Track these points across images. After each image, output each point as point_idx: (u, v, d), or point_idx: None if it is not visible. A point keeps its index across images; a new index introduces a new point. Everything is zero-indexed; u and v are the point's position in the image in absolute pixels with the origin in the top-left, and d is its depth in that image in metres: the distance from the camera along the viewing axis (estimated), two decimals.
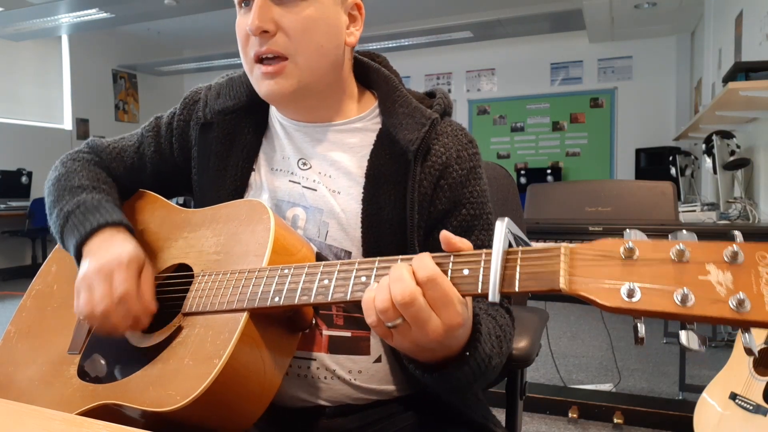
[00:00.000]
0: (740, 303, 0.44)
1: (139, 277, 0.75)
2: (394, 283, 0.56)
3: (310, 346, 0.80)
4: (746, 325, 0.45)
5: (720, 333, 3.33)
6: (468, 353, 0.64)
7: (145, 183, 0.95)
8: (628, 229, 0.52)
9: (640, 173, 6.20)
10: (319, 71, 0.80)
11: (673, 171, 4.77)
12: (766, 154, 3.07)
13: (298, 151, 0.87)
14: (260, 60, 0.79)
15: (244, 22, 0.79)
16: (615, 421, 2.27)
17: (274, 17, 0.77)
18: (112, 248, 0.76)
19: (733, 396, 1.66)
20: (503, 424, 0.94)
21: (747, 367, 1.67)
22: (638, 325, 0.49)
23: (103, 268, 0.74)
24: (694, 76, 6.21)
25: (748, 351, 0.47)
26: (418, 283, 0.56)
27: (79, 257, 0.80)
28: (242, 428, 0.69)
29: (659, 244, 0.50)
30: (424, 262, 0.57)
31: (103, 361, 0.76)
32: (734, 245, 0.47)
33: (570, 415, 2.34)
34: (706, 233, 2.02)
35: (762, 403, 1.58)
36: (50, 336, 0.84)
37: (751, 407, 1.60)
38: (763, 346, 1.65)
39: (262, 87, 0.80)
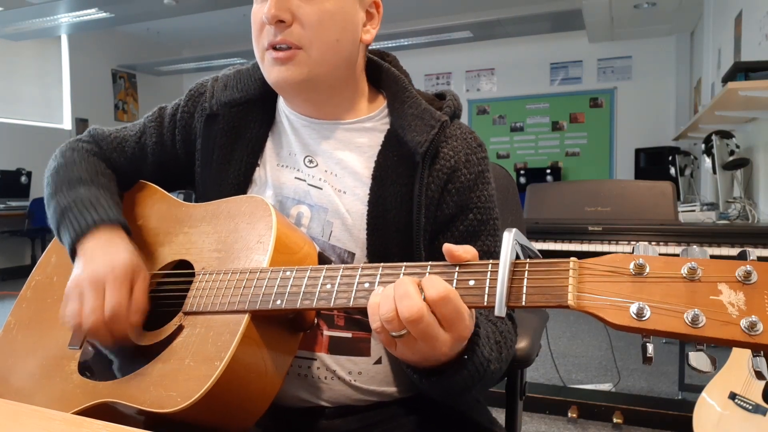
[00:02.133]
0: (752, 326, 0.43)
1: (131, 289, 0.73)
2: (401, 299, 0.55)
3: (311, 346, 0.79)
4: (757, 349, 0.44)
5: None
6: (466, 356, 0.64)
7: (145, 174, 0.93)
8: (638, 243, 0.51)
9: (640, 173, 6.20)
10: (332, 65, 0.79)
11: (672, 171, 4.78)
12: (766, 154, 3.07)
13: (305, 147, 0.86)
14: (273, 48, 0.77)
15: (261, 10, 0.78)
16: (614, 420, 2.27)
17: (291, 7, 0.75)
18: (107, 253, 0.75)
19: (733, 396, 1.66)
20: (503, 423, 0.94)
21: (746, 367, 1.68)
22: (647, 344, 0.48)
23: (96, 277, 0.72)
24: (693, 76, 6.21)
25: (759, 375, 0.45)
26: (429, 302, 0.55)
27: (74, 254, 0.79)
28: (243, 428, 0.68)
29: (670, 261, 0.48)
30: (433, 280, 0.55)
31: (103, 358, 0.75)
32: (748, 264, 0.46)
33: (569, 414, 2.34)
34: (705, 233, 2.02)
35: (761, 402, 1.58)
36: (50, 329, 0.83)
37: (750, 407, 1.60)
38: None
39: (272, 73, 0.79)
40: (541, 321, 1.14)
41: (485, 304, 0.55)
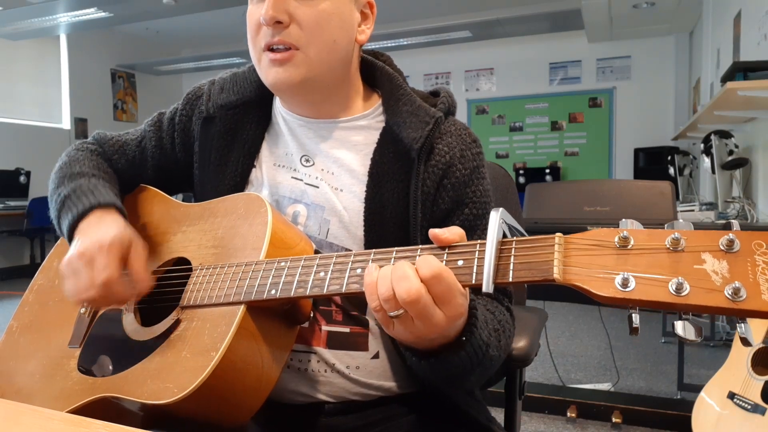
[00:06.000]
0: (736, 292, 0.44)
1: (123, 259, 0.74)
2: (399, 281, 0.56)
3: (310, 341, 0.80)
4: (742, 315, 0.45)
5: (718, 332, 3.33)
6: (464, 338, 0.65)
7: (146, 178, 0.95)
8: (624, 219, 0.52)
9: (639, 173, 6.20)
10: (329, 65, 0.80)
11: (671, 171, 4.78)
12: (765, 154, 3.08)
13: (301, 147, 0.87)
14: (270, 49, 0.78)
15: (257, 11, 0.78)
16: (613, 420, 2.27)
17: (289, 8, 0.76)
18: (98, 231, 0.76)
19: (732, 395, 1.66)
20: (502, 423, 0.94)
21: (745, 366, 1.68)
22: (633, 315, 0.49)
23: (86, 252, 0.73)
24: (692, 75, 6.22)
25: (744, 341, 0.46)
26: (423, 280, 0.56)
27: (72, 240, 0.80)
28: (240, 422, 0.69)
29: (654, 233, 0.50)
30: (427, 259, 0.57)
31: (102, 355, 0.76)
32: (730, 234, 0.47)
33: (568, 414, 2.34)
34: None
35: (760, 402, 1.58)
36: (51, 330, 0.84)
37: (749, 406, 1.60)
38: (761, 345, 1.65)
39: (269, 75, 0.79)
40: (540, 320, 1.14)
41: (473, 282, 0.56)
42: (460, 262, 0.57)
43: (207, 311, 0.69)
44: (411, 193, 0.80)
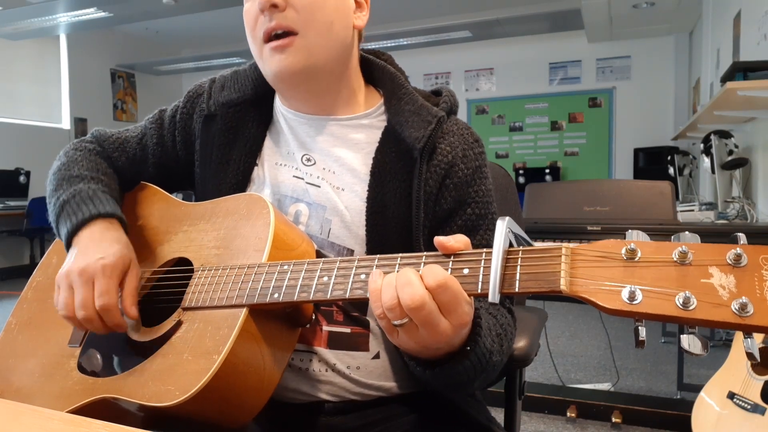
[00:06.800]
0: (743, 307, 0.44)
1: (121, 283, 0.74)
2: (403, 287, 0.56)
3: (310, 341, 0.80)
4: (748, 330, 0.45)
5: (718, 333, 3.33)
6: (468, 347, 0.64)
7: (146, 175, 0.94)
8: (630, 230, 0.52)
9: (639, 173, 6.20)
10: (328, 49, 0.80)
11: (671, 171, 4.78)
12: (764, 154, 3.08)
13: (302, 146, 0.87)
14: (269, 39, 0.79)
15: (253, 6, 0.79)
16: (613, 420, 2.27)
17: None
18: (100, 246, 0.76)
19: (731, 395, 1.66)
20: (502, 423, 0.94)
21: (745, 366, 1.68)
22: (639, 327, 0.48)
23: (87, 269, 0.73)
24: (692, 75, 6.22)
25: (750, 356, 0.46)
26: (428, 289, 0.55)
27: (69, 246, 0.80)
28: (241, 423, 0.69)
29: (661, 245, 0.49)
30: (432, 269, 0.56)
31: (102, 355, 0.76)
32: (738, 248, 0.46)
33: (568, 414, 2.34)
34: (704, 233, 2.02)
35: (760, 402, 1.58)
36: (51, 328, 0.84)
37: (749, 406, 1.60)
38: (761, 345, 1.65)
39: (272, 63, 0.79)
40: (540, 320, 1.14)
41: (479, 291, 0.56)
42: (466, 271, 0.57)
43: (209, 313, 0.69)
44: (413, 193, 0.80)
